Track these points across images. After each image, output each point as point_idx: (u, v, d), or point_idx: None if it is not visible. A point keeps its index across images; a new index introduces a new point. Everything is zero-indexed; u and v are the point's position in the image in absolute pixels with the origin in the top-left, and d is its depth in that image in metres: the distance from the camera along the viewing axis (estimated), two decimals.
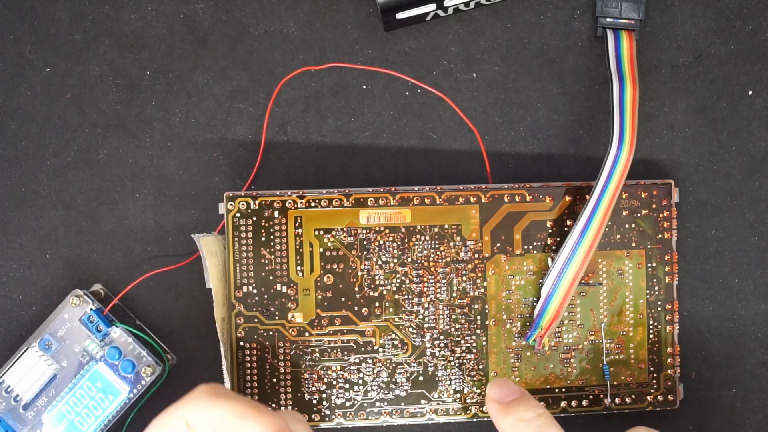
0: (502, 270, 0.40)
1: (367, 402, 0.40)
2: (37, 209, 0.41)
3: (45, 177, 0.41)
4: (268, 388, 0.39)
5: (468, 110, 0.42)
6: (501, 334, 0.40)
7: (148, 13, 0.41)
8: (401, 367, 0.40)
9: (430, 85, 0.41)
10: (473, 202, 0.40)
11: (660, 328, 0.41)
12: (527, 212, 0.40)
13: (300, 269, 0.39)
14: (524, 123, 0.42)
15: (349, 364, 0.40)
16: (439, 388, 0.40)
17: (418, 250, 0.39)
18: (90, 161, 0.41)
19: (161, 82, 0.41)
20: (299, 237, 0.39)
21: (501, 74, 0.41)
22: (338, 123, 0.41)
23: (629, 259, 0.40)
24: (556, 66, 0.41)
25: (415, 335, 0.40)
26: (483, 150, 0.42)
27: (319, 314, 0.39)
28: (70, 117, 0.41)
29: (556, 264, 0.38)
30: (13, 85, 0.41)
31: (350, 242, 0.39)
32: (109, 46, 0.41)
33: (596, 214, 0.38)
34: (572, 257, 0.38)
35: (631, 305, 0.40)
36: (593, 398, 0.40)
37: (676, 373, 0.41)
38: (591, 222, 0.38)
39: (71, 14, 0.41)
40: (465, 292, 0.40)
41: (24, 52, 0.41)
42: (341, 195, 0.39)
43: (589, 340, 0.40)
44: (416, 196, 0.39)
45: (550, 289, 0.38)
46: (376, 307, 0.39)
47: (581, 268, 0.38)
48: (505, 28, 0.41)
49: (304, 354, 0.39)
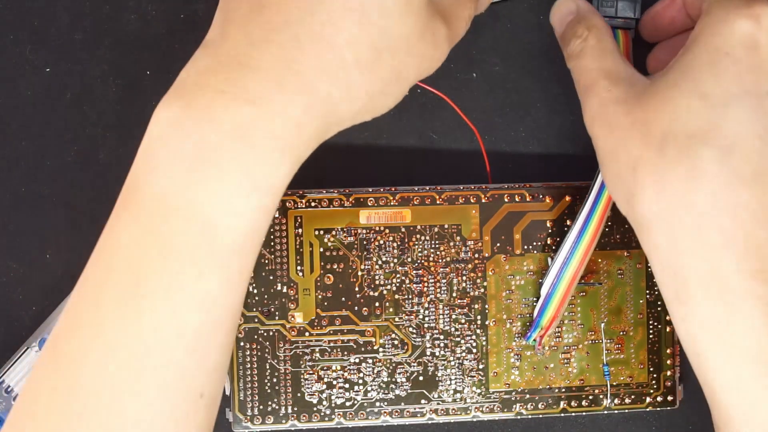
0: (502, 270, 0.40)
1: (367, 402, 0.40)
2: (37, 209, 0.41)
3: (45, 177, 0.41)
4: (268, 388, 0.39)
5: (468, 110, 0.42)
6: (501, 334, 0.40)
7: (148, 13, 0.41)
8: (401, 367, 0.40)
9: (430, 85, 0.41)
10: (473, 202, 0.40)
11: (660, 328, 0.41)
12: (527, 212, 0.40)
13: (300, 269, 0.39)
14: (524, 123, 0.42)
15: (349, 364, 0.40)
16: (439, 388, 0.40)
17: (418, 250, 0.39)
18: (90, 161, 0.41)
19: (161, 82, 0.41)
20: (299, 237, 0.39)
21: (501, 74, 0.41)
22: None
23: (629, 259, 0.40)
24: (556, 66, 0.41)
25: (415, 335, 0.40)
26: (483, 150, 0.42)
27: (319, 314, 0.39)
28: (70, 117, 0.41)
29: (555, 263, 0.38)
30: (13, 85, 0.41)
31: (350, 242, 0.39)
32: (109, 46, 0.41)
33: (594, 213, 0.38)
34: (571, 256, 0.38)
35: (631, 305, 0.40)
36: (593, 398, 0.40)
37: (676, 373, 0.41)
38: (589, 221, 0.38)
39: (71, 14, 0.41)
40: (465, 292, 0.40)
41: (24, 52, 0.41)
42: (341, 195, 0.39)
43: (589, 340, 0.40)
44: (416, 196, 0.39)
45: (550, 288, 0.39)
46: (376, 307, 0.39)
47: (580, 267, 0.38)
48: (505, 28, 0.41)
49: (304, 354, 0.39)
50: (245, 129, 0.28)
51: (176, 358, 0.29)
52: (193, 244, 0.28)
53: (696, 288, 0.31)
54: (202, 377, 0.30)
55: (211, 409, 0.31)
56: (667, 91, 0.32)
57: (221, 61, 0.29)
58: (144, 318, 0.28)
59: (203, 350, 0.29)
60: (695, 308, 0.31)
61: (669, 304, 0.32)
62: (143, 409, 0.28)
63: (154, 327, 0.28)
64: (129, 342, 0.28)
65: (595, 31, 0.36)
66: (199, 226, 0.28)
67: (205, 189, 0.28)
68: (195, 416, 0.30)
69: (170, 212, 0.28)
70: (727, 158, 0.30)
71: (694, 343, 0.32)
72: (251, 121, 0.28)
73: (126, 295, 0.28)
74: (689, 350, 0.32)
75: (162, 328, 0.28)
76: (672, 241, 0.31)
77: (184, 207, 0.28)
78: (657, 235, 0.32)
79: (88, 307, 0.29)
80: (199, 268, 0.29)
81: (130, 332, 0.28)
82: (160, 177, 0.29)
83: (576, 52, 0.36)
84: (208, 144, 0.28)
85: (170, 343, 0.29)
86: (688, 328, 0.32)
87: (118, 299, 0.29)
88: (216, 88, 0.29)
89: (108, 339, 0.28)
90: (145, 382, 0.28)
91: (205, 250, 0.29)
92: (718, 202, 0.30)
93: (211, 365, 0.30)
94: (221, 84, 0.29)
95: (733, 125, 0.30)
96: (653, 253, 0.32)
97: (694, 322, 0.31)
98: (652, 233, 0.32)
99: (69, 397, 0.28)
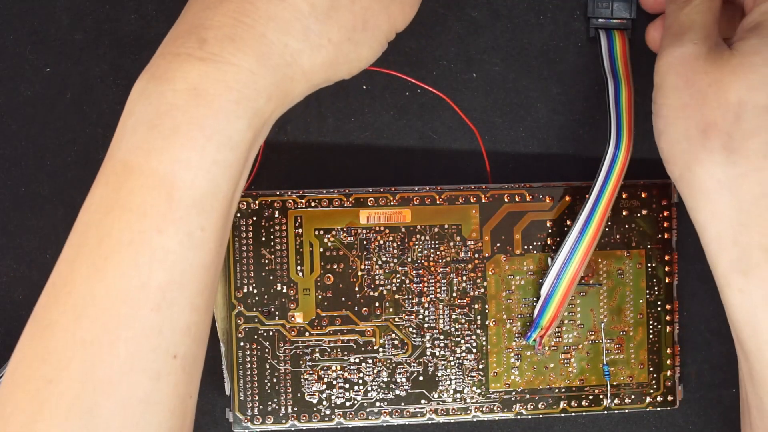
0: (502, 270, 0.40)
1: (367, 402, 0.40)
2: (37, 209, 0.41)
3: (45, 177, 0.41)
4: (268, 388, 0.39)
5: (468, 110, 0.42)
6: (501, 334, 0.40)
7: (148, 13, 0.41)
8: (401, 367, 0.40)
9: (430, 85, 0.41)
10: (473, 202, 0.40)
11: (660, 328, 0.41)
12: (527, 212, 0.40)
13: (300, 269, 0.39)
14: (524, 123, 0.42)
15: (349, 364, 0.40)
16: (439, 388, 0.40)
17: (418, 250, 0.39)
18: (90, 161, 0.41)
19: None
20: (299, 237, 0.39)
21: (501, 74, 0.41)
22: (338, 123, 0.41)
23: (629, 259, 0.40)
24: (556, 66, 0.41)
25: (415, 335, 0.40)
26: (483, 150, 0.42)
27: (319, 314, 0.39)
28: (70, 117, 0.41)
29: (556, 263, 0.38)
30: (13, 85, 0.41)
31: (350, 242, 0.39)
32: (109, 46, 0.41)
33: (595, 213, 0.38)
34: (571, 257, 0.38)
35: (631, 305, 0.40)
36: (593, 398, 0.40)
37: (676, 373, 0.41)
38: (590, 221, 0.38)
39: (71, 14, 0.41)
40: (465, 292, 0.40)
41: (24, 52, 0.41)
42: (341, 195, 0.39)
43: (589, 340, 0.40)
44: (416, 196, 0.39)
45: (550, 288, 0.38)
46: (376, 307, 0.39)
47: (580, 268, 0.38)
48: (505, 28, 0.41)
49: (304, 354, 0.39)
50: (198, 85, 0.29)
51: (142, 314, 0.29)
52: (151, 201, 0.29)
53: (759, 259, 0.31)
54: (173, 337, 0.30)
55: (189, 372, 0.31)
56: (746, 57, 0.32)
57: (180, 30, 0.31)
58: (108, 275, 0.29)
59: (170, 309, 0.30)
60: (757, 279, 0.31)
61: (724, 275, 0.32)
62: (114, 368, 0.29)
63: (118, 285, 0.29)
64: (98, 300, 0.29)
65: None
66: (156, 183, 0.29)
67: (160, 147, 0.29)
68: (169, 377, 0.30)
69: (131, 173, 0.29)
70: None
71: (753, 316, 0.31)
72: (204, 76, 0.29)
73: (93, 254, 0.29)
74: (742, 321, 0.32)
75: (126, 285, 0.29)
76: (736, 211, 0.31)
77: (142, 166, 0.29)
78: (719, 203, 0.31)
79: (63, 270, 0.30)
80: (157, 224, 0.29)
81: (97, 290, 0.29)
82: (124, 142, 0.30)
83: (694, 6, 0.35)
84: (164, 104, 0.29)
85: (136, 300, 0.29)
86: (745, 300, 0.31)
87: (86, 259, 0.29)
88: (172, 53, 0.30)
89: (77, 299, 0.29)
90: (115, 340, 0.29)
91: (163, 206, 0.29)
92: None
93: (182, 325, 0.30)
94: (178, 47, 0.30)
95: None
96: (709, 220, 0.32)
97: (756, 294, 0.31)
98: (713, 200, 0.31)
99: (42, 362, 0.29)
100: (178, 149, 0.29)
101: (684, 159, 0.32)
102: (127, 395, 0.29)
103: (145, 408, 0.29)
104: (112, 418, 0.29)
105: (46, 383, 0.29)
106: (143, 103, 0.30)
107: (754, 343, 0.31)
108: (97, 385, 0.29)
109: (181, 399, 0.30)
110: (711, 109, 0.31)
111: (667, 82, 0.33)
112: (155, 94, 0.30)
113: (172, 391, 0.30)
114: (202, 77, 0.29)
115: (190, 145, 0.29)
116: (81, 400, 0.28)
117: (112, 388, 0.29)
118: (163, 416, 0.30)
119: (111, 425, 0.29)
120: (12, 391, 0.29)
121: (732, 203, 0.31)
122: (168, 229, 0.29)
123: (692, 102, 0.32)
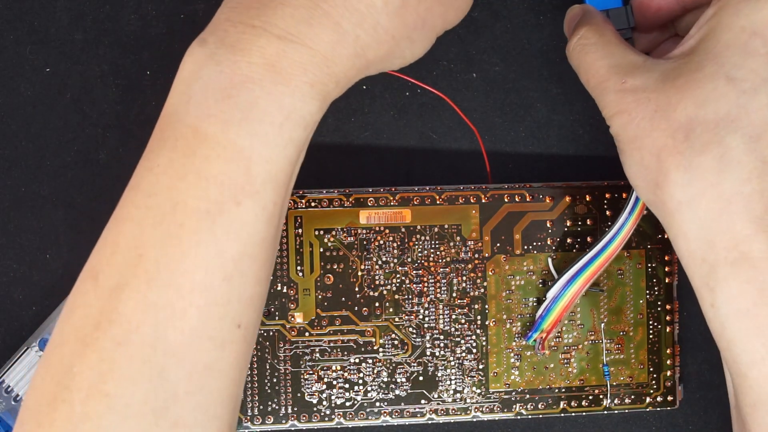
0: (502, 270, 0.40)
1: (367, 402, 0.40)
2: (37, 209, 0.41)
3: (45, 177, 0.41)
4: (268, 388, 0.39)
5: (468, 110, 0.42)
6: (501, 334, 0.40)
7: (148, 13, 0.41)
8: (401, 367, 0.40)
9: (430, 85, 0.41)
10: (473, 202, 0.40)
11: (660, 328, 0.41)
12: (527, 212, 0.40)
13: (300, 269, 0.39)
14: (524, 123, 0.42)
15: (349, 364, 0.40)
16: (439, 388, 0.40)
17: (418, 250, 0.39)
18: (90, 161, 0.41)
19: (161, 82, 0.41)
20: (299, 237, 0.39)
21: (501, 74, 0.41)
22: (338, 123, 0.41)
23: (629, 259, 0.40)
24: (556, 66, 0.41)
25: (415, 335, 0.40)
26: (483, 150, 0.42)
27: (319, 314, 0.39)
28: (70, 117, 0.41)
29: (570, 271, 0.38)
30: (13, 85, 0.41)
31: (350, 242, 0.39)
32: (109, 46, 0.41)
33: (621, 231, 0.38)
34: (586, 267, 0.38)
35: (631, 305, 0.40)
36: (593, 398, 0.40)
37: (676, 373, 0.41)
38: (614, 239, 0.38)
39: (71, 14, 0.41)
40: (465, 292, 0.40)
41: (24, 52, 0.41)
42: (341, 195, 0.39)
43: (589, 340, 0.40)
44: (416, 196, 0.39)
45: (557, 293, 0.38)
46: (376, 307, 0.39)
47: (591, 278, 0.38)
48: (505, 28, 0.41)
49: (304, 354, 0.39)
50: (275, 61, 0.29)
51: (215, 284, 0.29)
52: (229, 173, 0.29)
53: (726, 274, 0.31)
54: (239, 307, 0.30)
55: (249, 342, 0.31)
56: (691, 74, 0.31)
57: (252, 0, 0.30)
58: (184, 242, 0.29)
59: (240, 279, 0.30)
60: (725, 294, 0.31)
61: (698, 290, 0.32)
62: (185, 334, 0.29)
63: (194, 253, 0.29)
64: (172, 266, 0.29)
65: (594, 26, 0.35)
66: (235, 155, 0.29)
67: (239, 119, 0.29)
68: (233, 345, 0.30)
69: (204, 140, 0.29)
70: (755, 145, 0.30)
71: (724, 330, 0.31)
72: (281, 55, 0.29)
73: (166, 219, 0.29)
74: (718, 337, 0.32)
75: (202, 253, 0.29)
76: (700, 229, 0.31)
77: (218, 136, 0.29)
78: (683, 223, 0.31)
79: (128, 232, 0.29)
80: (235, 195, 0.29)
81: (171, 256, 0.29)
82: (194, 107, 0.29)
83: (577, 50, 0.35)
84: (239, 75, 0.29)
85: (210, 268, 0.29)
86: (717, 314, 0.31)
87: (157, 224, 0.29)
88: (247, 23, 0.29)
89: (149, 263, 0.29)
90: (187, 307, 0.29)
91: (241, 179, 0.29)
92: (746, 189, 0.30)
93: (247, 296, 0.30)
94: (252, 19, 0.29)
95: (763, 111, 0.30)
96: (680, 240, 0.32)
97: (724, 309, 0.31)
98: (678, 221, 0.31)
99: (110, 324, 0.28)
100: (257, 124, 0.29)
101: (648, 186, 0.32)
102: (193, 362, 0.29)
103: (209, 375, 0.29)
104: (178, 383, 0.29)
105: (116, 345, 0.28)
106: (213, 69, 0.29)
107: (729, 355, 0.32)
108: (167, 349, 0.28)
109: (240, 369, 0.31)
110: (661, 134, 0.31)
111: (615, 126, 0.33)
112: (227, 62, 0.29)
113: (234, 360, 0.30)
114: (279, 55, 0.29)
115: (268, 120, 0.29)
116: (150, 364, 0.28)
117: (180, 354, 0.29)
118: (224, 384, 0.30)
119: (177, 390, 0.29)
120: (80, 351, 0.29)
121: (695, 222, 0.31)
122: (246, 202, 0.29)
123: (642, 133, 0.32)
